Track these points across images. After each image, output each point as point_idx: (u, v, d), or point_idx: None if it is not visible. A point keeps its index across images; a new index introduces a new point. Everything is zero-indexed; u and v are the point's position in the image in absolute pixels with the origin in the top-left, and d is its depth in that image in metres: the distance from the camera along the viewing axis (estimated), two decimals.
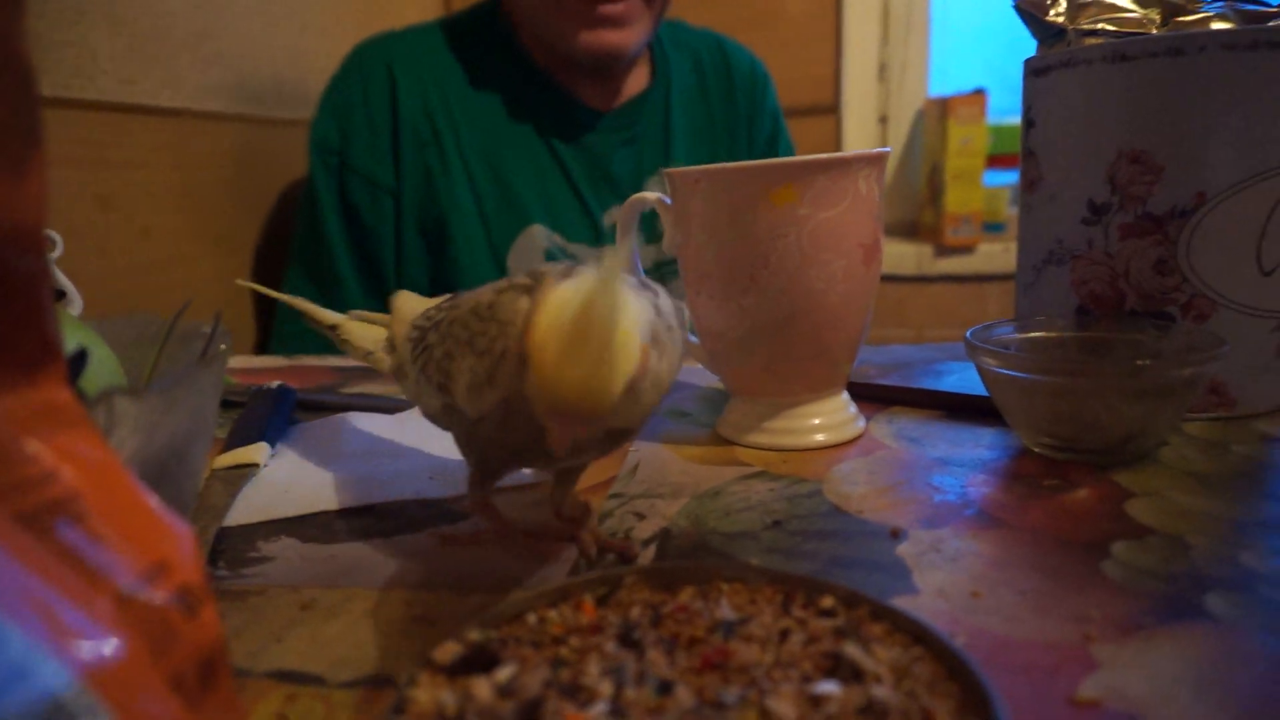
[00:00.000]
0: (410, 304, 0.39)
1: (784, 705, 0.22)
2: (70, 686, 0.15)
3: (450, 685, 0.23)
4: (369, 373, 0.67)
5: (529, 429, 0.28)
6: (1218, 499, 0.36)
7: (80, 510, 0.18)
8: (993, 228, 1.46)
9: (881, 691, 0.22)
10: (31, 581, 0.15)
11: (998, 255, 1.44)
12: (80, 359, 0.28)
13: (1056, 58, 0.47)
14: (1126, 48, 0.44)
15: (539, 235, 0.91)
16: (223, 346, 0.31)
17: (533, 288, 0.29)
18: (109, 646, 0.16)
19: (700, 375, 0.61)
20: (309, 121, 0.94)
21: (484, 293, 0.31)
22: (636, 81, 0.96)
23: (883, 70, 1.53)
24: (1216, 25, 0.45)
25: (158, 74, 0.86)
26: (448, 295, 0.38)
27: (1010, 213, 1.47)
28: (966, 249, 1.45)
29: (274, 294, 0.45)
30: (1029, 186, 0.51)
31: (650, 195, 0.46)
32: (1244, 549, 0.31)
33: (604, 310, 0.23)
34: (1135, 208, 0.45)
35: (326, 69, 0.97)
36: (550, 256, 0.91)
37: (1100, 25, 0.48)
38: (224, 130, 0.97)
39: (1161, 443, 0.42)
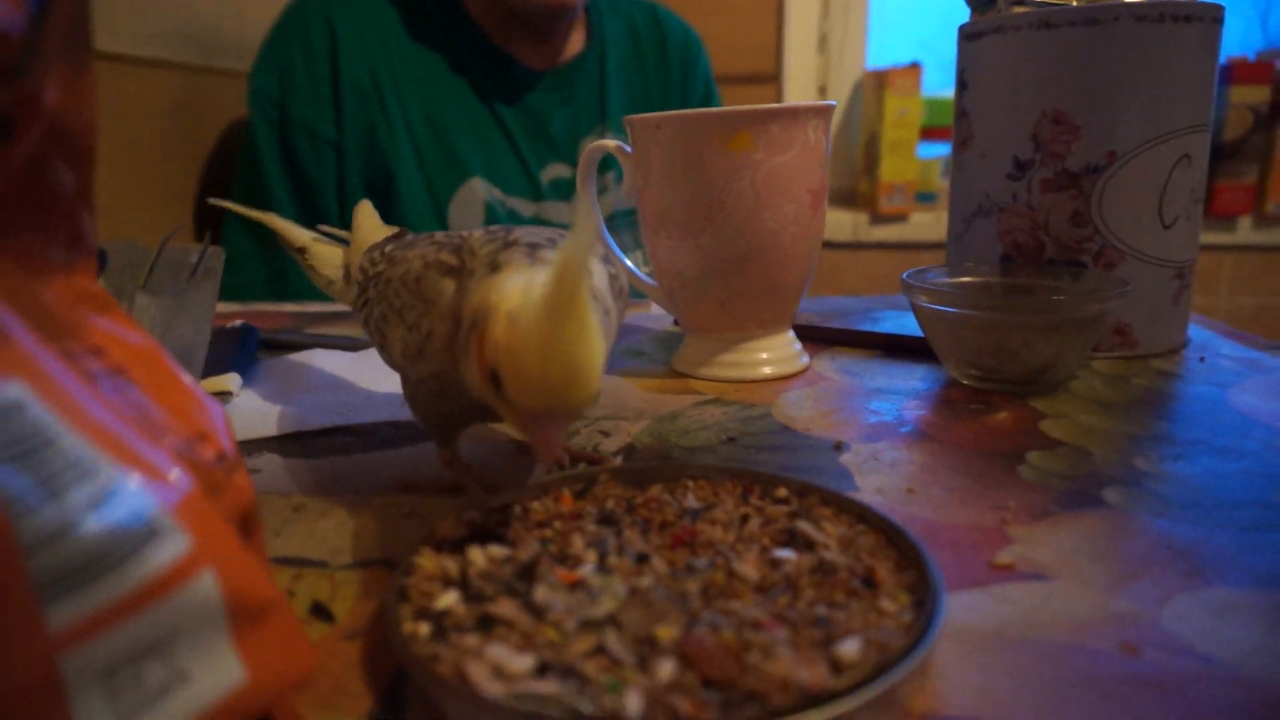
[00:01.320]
0: (370, 224, 0.40)
1: (747, 568, 0.25)
2: (152, 508, 0.17)
3: (451, 556, 0.26)
4: (327, 317, 0.68)
5: (462, 403, 0.30)
6: (1118, 420, 0.40)
7: (131, 380, 0.20)
8: (925, 197, 1.52)
9: (831, 555, 0.26)
10: (114, 423, 0.17)
11: (930, 224, 1.50)
12: (101, 259, 0.30)
13: (988, 24, 0.51)
14: (1050, 16, 0.48)
15: (479, 188, 0.93)
16: (214, 264, 0.32)
17: (459, 270, 0.29)
18: (180, 480, 0.18)
19: (655, 320, 0.64)
20: (248, 73, 0.93)
21: (413, 259, 0.31)
22: (573, 44, 0.98)
23: (823, 41, 1.57)
24: None
25: (95, 16, 0.84)
26: (396, 231, 0.39)
27: (942, 183, 1.53)
28: (900, 217, 1.50)
29: (251, 213, 0.42)
30: (961, 145, 0.55)
31: (610, 142, 0.49)
32: (1137, 456, 0.36)
33: (576, 291, 0.21)
34: (1055, 164, 0.50)
35: (265, 21, 0.96)
36: (490, 209, 0.93)
37: None
38: (162, 78, 0.96)
39: (1072, 375, 0.47)
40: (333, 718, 0.21)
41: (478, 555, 0.26)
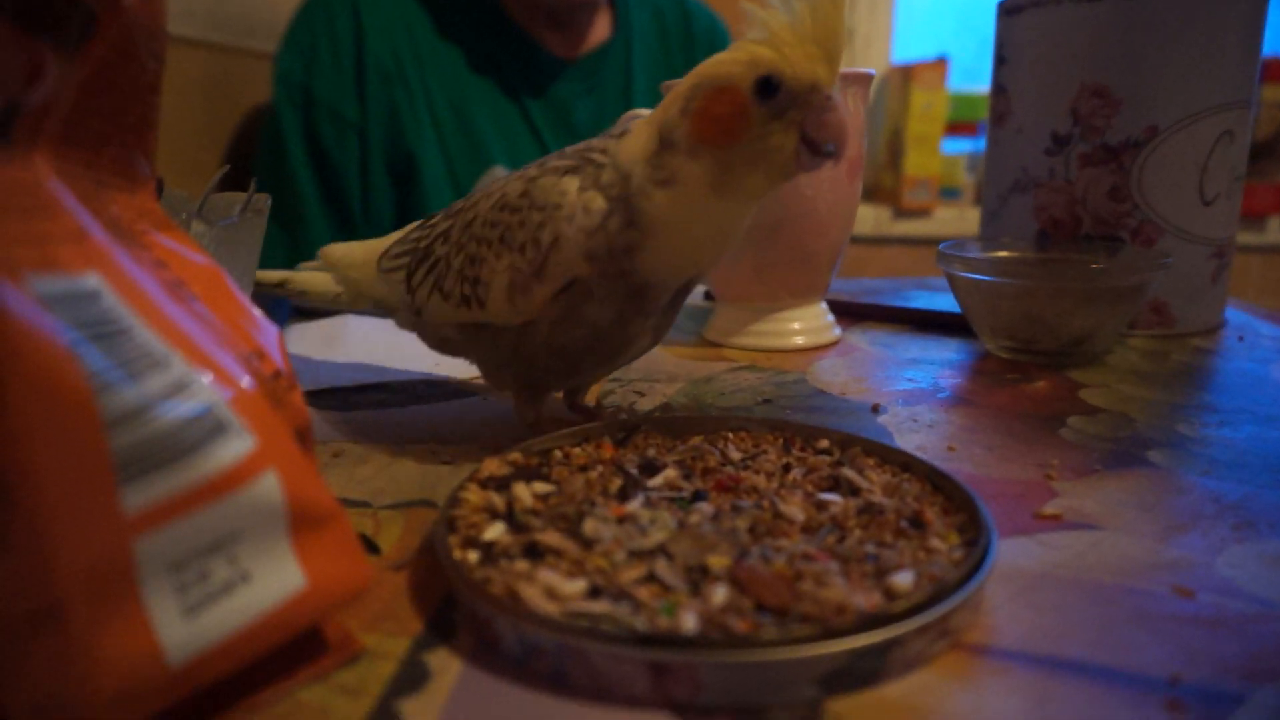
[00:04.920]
0: (351, 252, 0.37)
1: (793, 509, 0.25)
2: (221, 406, 0.17)
3: (496, 493, 0.26)
4: None
5: (599, 317, 0.29)
6: (1159, 389, 0.40)
7: (194, 292, 0.20)
8: (949, 193, 1.51)
9: (877, 498, 0.26)
10: (186, 323, 0.18)
11: (953, 219, 1.49)
12: (159, 185, 0.30)
13: None
14: None
15: (501, 176, 0.93)
16: (261, 205, 0.33)
17: (579, 166, 0.29)
18: (248, 384, 0.18)
19: None
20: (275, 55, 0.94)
21: (507, 184, 0.31)
22: (599, 32, 0.98)
23: (849, 36, 1.57)
24: None
25: None
26: (414, 224, 0.36)
27: (966, 179, 1.52)
28: (924, 213, 1.49)
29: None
30: (998, 120, 0.54)
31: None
32: (1180, 422, 0.36)
33: None
34: (1094, 138, 0.49)
35: (295, 3, 0.97)
36: None
37: None
38: (193, 56, 0.96)
39: (1108, 350, 0.47)
40: (382, 640, 0.21)
41: (523, 491, 0.26)
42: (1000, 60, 0.54)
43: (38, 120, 0.17)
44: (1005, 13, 0.53)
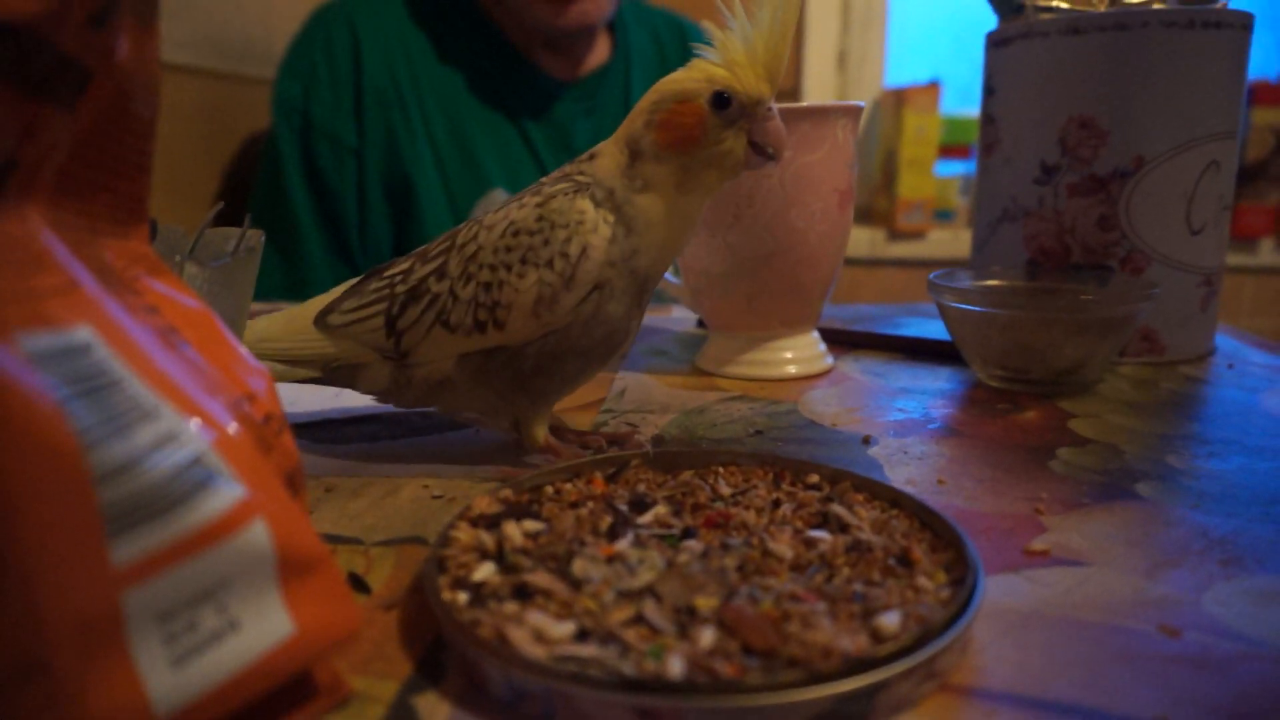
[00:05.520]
0: (270, 325, 0.36)
1: (782, 547, 0.25)
2: (210, 455, 0.17)
3: (486, 531, 0.26)
4: None
5: (616, 314, 0.33)
6: (1148, 419, 0.40)
7: (185, 338, 0.21)
8: (943, 215, 1.52)
9: (865, 535, 0.26)
10: (174, 372, 0.18)
11: (947, 241, 1.50)
12: (152, 227, 0.30)
13: (1016, 30, 0.51)
14: (1079, 22, 0.49)
15: (500, 199, 0.93)
16: (255, 243, 0.33)
17: (582, 188, 0.33)
18: (236, 431, 0.18)
19: (677, 321, 0.64)
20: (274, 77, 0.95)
21: (508, 215, 0.33)
22: (598, 54, 0.99)
23: (842, 59, 1.58)
24: (1158, 5, 0.49)
25: None
26: (351, 282, 0.36)
27: (960, 202, 1.53)
28: (918, 235, 1.50)
29: None
30: (987, 150, 0.55)
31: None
32: (1169, 454, 0.36)
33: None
34: (1082, 169, 0.50)
35: (293, 29, 0.98)
36: None
37: (1055, 3, 0.52)
38: (192, 83, 0.97)
39: (1099, 379, 0.47)
40: (372, 682, 0.21)
41: (513, 530, 0.26)
42: (989, 91, 0.54)
43: (32, 174, 0.17)
44: (993, 44, 0.54)
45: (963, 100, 1.57)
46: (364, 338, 0.34)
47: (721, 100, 0.32)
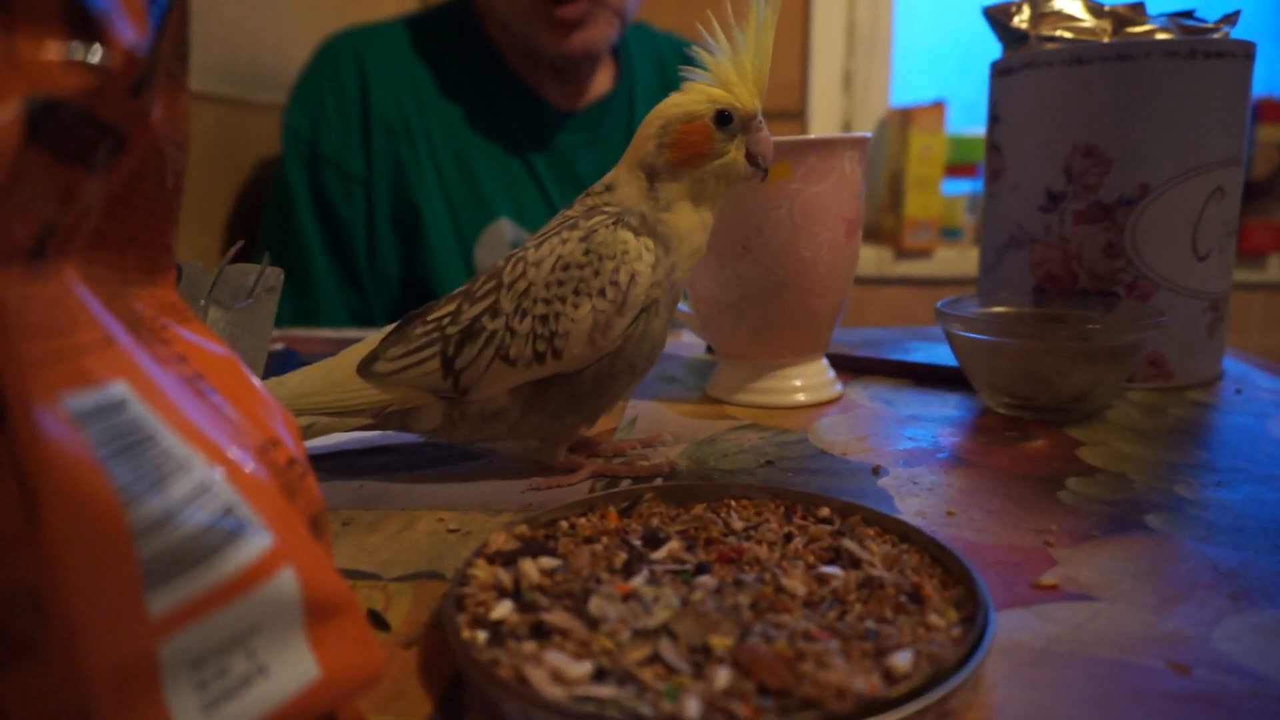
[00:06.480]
0: (307, 379, 0.36)
1: (795, 583, 0.26)
2: (240, 505, 0.18)
3: (503, 569, 0.27)
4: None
5: (660, 329, 0.37)
6: (1157, 448, 0.40)
7: (212, 385, 0.21)
8: (950, 233, 1.52)
9: (877, 571, 0.26)
10: (203, 422, 0.18)
11: (955, 260, 1.50)
12: (177, 273, 0.31)
13: (1020, 60, 0.52)
14: (1082, 52, 0.49)
15: (505, 229, 0.94)
16: (274, 282, 0.34)
17: (621, 215, 0.36)
18: (264, 479, 0.19)
19: (687, 347, 0.64)
20: (284, 107, 0.96)
21: (553, 251, 0.35)
22: (601, 83, 1.00)
23: (847, 79, 1.59)
24: (1160, 36, 0.50)
25: None
26: (391, 327, 0.37)
27: (966, 220, 1.54)
28: (924, 253, 1.51)
29: None
30: (993, 177, 0.55)
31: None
32: (1178, 483, 0.36)
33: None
34: (1087, 196, 0.50)
35: (304, 55, 0.99)
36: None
37: (1058, 32, 0.53)
38: (204, 111, 0.98)
39: (1107, 405, 0.47)
40: None
41: (530, 567, 0.26)
42: (994, 119, 0.55)
43: (69, 235, 0.18)
44: (998, 73, 0.54)
45: (969, 118, 1.58)
46: (419, 381, 0.36)
47: (723, 117, 0.36)
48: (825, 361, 0.51)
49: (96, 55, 0.16)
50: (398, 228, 0.93)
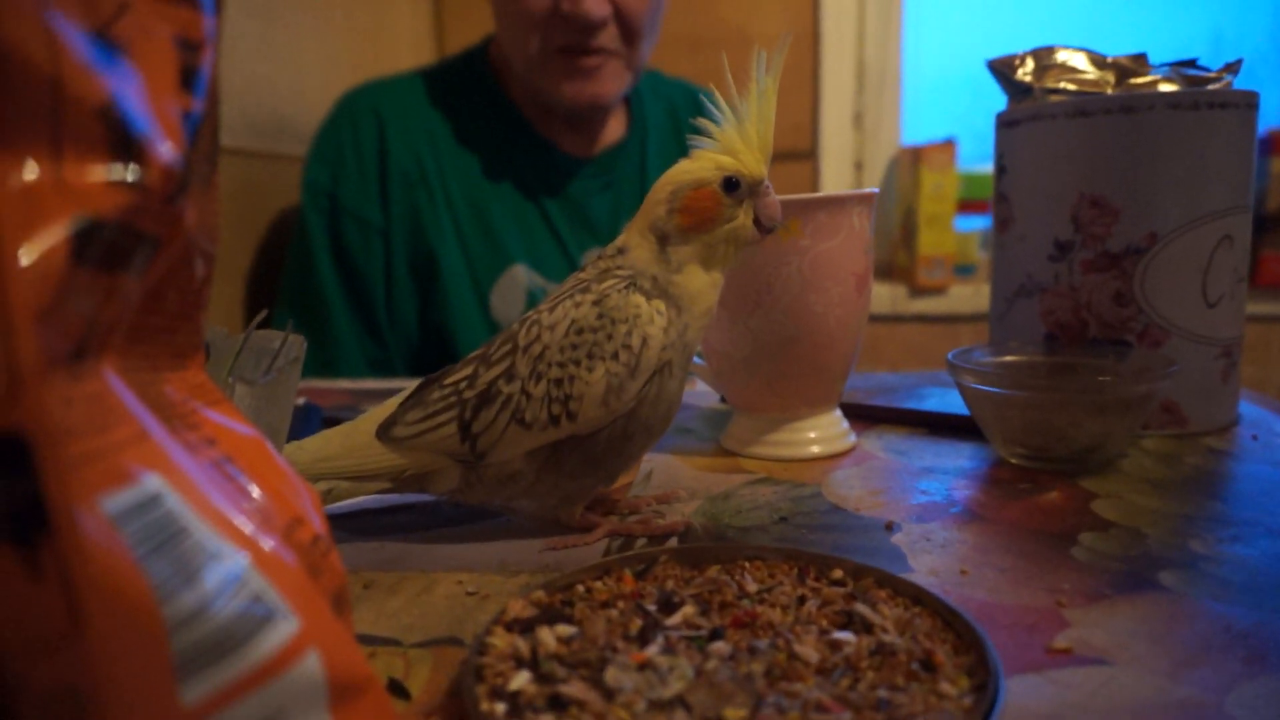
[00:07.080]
0: (326, 444, 0.37)
1: (808, 649, 0.26)
2: (268, 591, 0.18)
3: (521, 637, 0.27)
4: (384, 393, 0.70)
5: (674, 389, 0.37)
6: (1171, 500, 0.40)
7: (240, 468, 0.22)
8: (964, 270, 1.53)
9: (889, 637, 0.27)
10: (231, 509, 0.19)
11: (968, 296, 1.50)
12: (205, 351, 0.32)
13: (1025, 112, 0.53)
14: (1086, 104, 0.50)
15: (521, 275, 0.95)
16: (297, 352, 0.35)
17: (634, 279, 0.37)
18: (291, 563, 0.19)
19: (701, 397, 0.65)
20: (304, 157, 0.98)
21: (566, 315, 0.36)
22: (614, 130, 1.02)
23: (858, 119, 1.61)
24: (1164, 87, 0.51)
25: None
26: (405, 394, 0.38)
27: (980, 256, 1.54)
28: (939, 290, 1.51)
29: None
30: (1001, 227, 0.56)
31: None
32: (1192, 538, 0.36)
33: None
34: (1096, 246, 0.51)
35: (324, 109, 1.02)
36: (532, 296, 0.95)
37: (1062, 84, 0.54)
38: (228, 163, 1.01)
39: (1121, 454, 0.47)
40: None
41: (547, 635, 0.27)
42: (1001, 170, 0.56)
43: (107, 334, 0.19)
44: (1003, 125, 0.55)
45: (981, 154, 1.59)
46: (436, 445, 0.36)
47: (731, 183, 0.37)
48: (839, 412, 0.51)
49: (136, 174, 0.17)
50: (415, 276, 0.95)
